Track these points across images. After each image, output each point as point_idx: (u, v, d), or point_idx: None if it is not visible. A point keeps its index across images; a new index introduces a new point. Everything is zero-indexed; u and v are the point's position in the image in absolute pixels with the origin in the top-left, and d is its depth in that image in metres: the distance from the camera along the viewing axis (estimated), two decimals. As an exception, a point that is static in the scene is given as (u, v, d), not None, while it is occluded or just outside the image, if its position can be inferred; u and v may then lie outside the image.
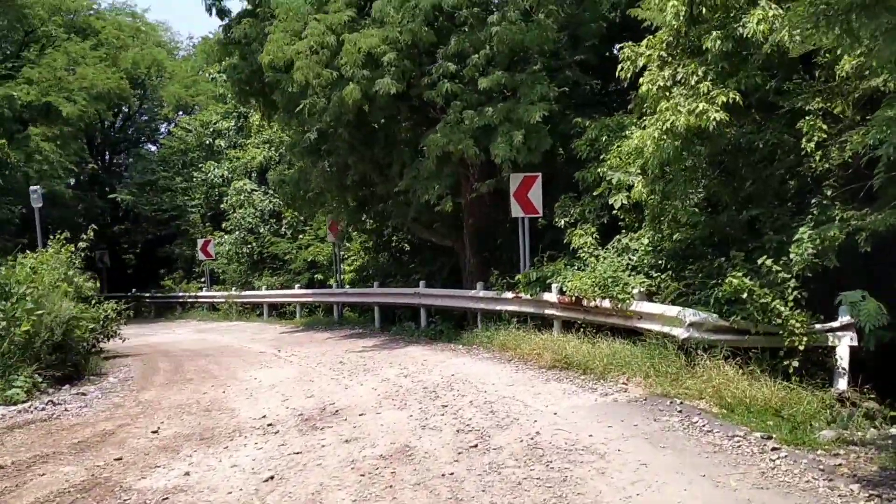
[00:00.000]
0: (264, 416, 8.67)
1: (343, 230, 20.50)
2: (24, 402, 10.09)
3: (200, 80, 33.68)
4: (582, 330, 11.64)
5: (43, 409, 9.87)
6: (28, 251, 16.46)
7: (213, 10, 17.72)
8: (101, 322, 15.03)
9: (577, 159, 13.34)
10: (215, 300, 27.24)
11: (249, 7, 17.73)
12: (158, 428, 8.39)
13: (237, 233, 26.36)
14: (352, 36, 13.94)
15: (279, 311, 24.35)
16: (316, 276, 23.55)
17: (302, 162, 18.13)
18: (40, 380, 11.01)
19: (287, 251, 24.71)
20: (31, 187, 17.44)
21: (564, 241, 13.06)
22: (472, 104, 13.57)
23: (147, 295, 31.70)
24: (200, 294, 28.46)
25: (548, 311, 12.68)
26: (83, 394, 10.96)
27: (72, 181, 31.82)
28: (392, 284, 19.11)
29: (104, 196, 35.21)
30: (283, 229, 25.50)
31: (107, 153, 37.92)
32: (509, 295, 13.62)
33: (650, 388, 8.62)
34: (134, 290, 33.12)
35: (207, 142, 31.07)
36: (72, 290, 14.48)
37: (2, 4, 25.74)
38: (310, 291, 22.13)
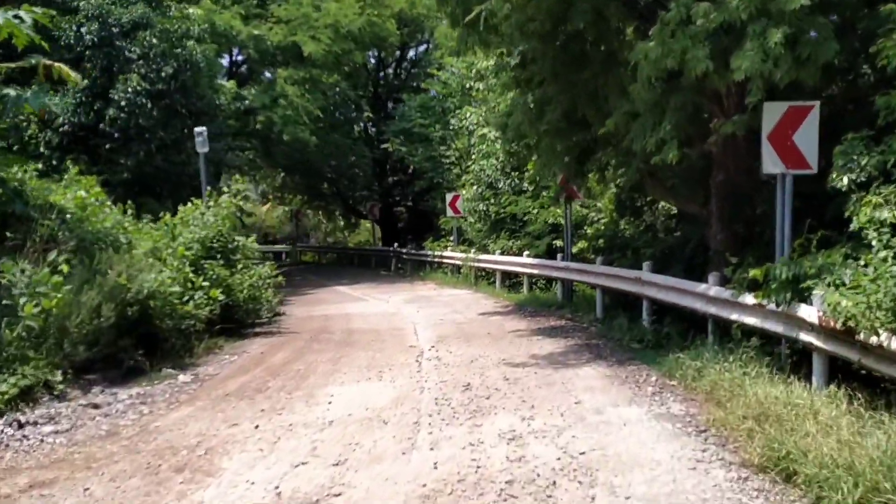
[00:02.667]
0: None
1: (580, 187, 16.04)
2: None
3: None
4: (859, 383, 6.32)
5: None
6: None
7: None
8: (238, 293, 12.49)
9: (882, 77, 7.62)
10: (455, 261, 24.25)
11: None
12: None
13: (475, 188, 22.91)
14: None
15: (512, 281, 20.60)
16: (556, 241, 19.28)
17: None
18: (59, 377, 8.35)
19: (527, 210, 20.69)
20: (196, 129, 15.41)
21: (846, 215, 7.51)
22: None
23: (404, 251, 29.83)
24: (445, 254, 25.65)
25: (804, 337, 7.36)
26: (96, 406, 8.13)
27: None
28: (619, 262, 14.30)
29: (377, 146, 34.03)
30: (524, 184, 21.49)
31: (385, 101, 36.69)
32: (749, 299, 8.41)
33: None
34: (396, 244, 31.62)
35: (468, 85, 27.88)
36: (191, 254, 12.04)
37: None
38: (534, 261, 17.98)
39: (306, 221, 50.40)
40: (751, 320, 8.48)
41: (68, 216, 10.82)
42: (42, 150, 17.31)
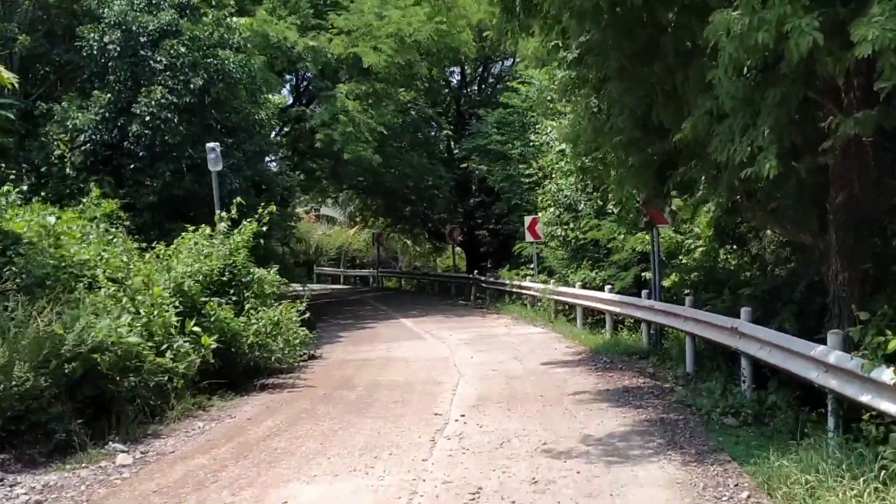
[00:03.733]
0: None
1: (662, 209, 13.41)
2: None
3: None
4: None
5: None
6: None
7: None
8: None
9: None
10: (533, 293, 21.72)
11: None
12: None
13: (552, 209, 20.38)
14: None
15: (595, 318, 17.93)
16: (645, 273, 16.53)
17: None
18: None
19: (611, 236, 17.99)
20: (209, 144, 13.61)
21: None
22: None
23: (483, 279, 27.45)
24: (523, 284, 23.13)
25: None
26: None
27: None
28: (714, 303, 11.52)
29: (458, 165, 31.94)
30: (608, 206, 18.78)
31: (469, 119, 34.52)
32: (887, 376, 5.70)
33: None
34: (475, 271, 29.28)
35: (549, 97, 25.43)
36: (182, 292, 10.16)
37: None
38: (615, 297, 15.25)
39: (393, 244, 48.82)
40: (889, 407, 5.76)
41: (23, 248, 9.08)
42: (68, 171, 16.01)
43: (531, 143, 25.90)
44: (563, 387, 10.45)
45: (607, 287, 16.12)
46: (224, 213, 12.66)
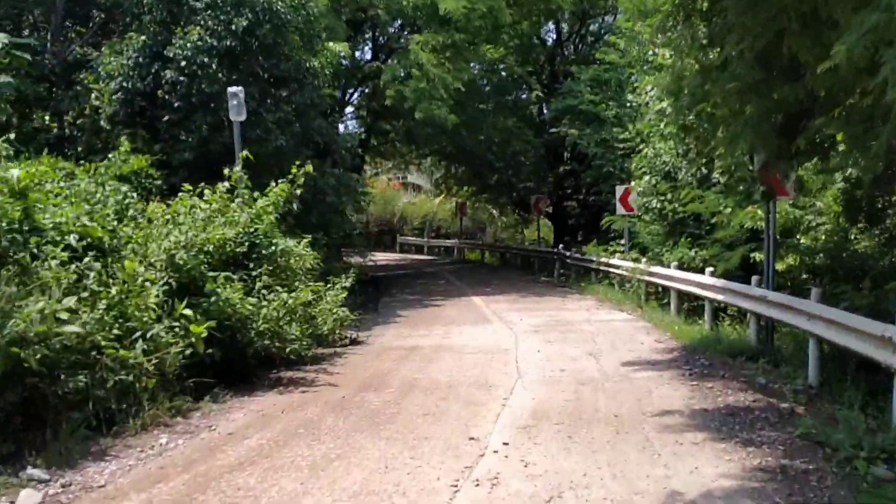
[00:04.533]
0: None
1: (786, 176, 10.71)
2: None
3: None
4: None
5: None
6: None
7: None
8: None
9: None
10: (622, 272, 19.13)
11: None
12: None
13: (648, 178, 17.64)
14: None
15: (691, 305, 15.27)
16: (755, 254, 13.77)
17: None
18: None
19: (716, 210, 15.21)
20: (231, 89, 11.63)
21: None
22: None
23: (568, 254, 24.91)
24: (611, 262, 20.52)
25: None
26: None
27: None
28: (851, 297, 8.84)
29: (547, 129, 29.27)
30: (713, 174, 15.95)
31: (564, 80, 31.68)
32: None
33: None
34: (560, 246, 26.76)
35: (651, 53, 22.48)
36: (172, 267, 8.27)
37: None
38: (719, 283, 12.57)
39: (480, 214, 46.58)
40: None
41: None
42: (102, 123, 14.41)
43: (628, 105, 23.13)
44: (646, 402, 8.06)
45: (708, 269, 13.49)
46: (238, 170, 10.74)
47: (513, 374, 9.61)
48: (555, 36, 33.28)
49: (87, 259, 7.66)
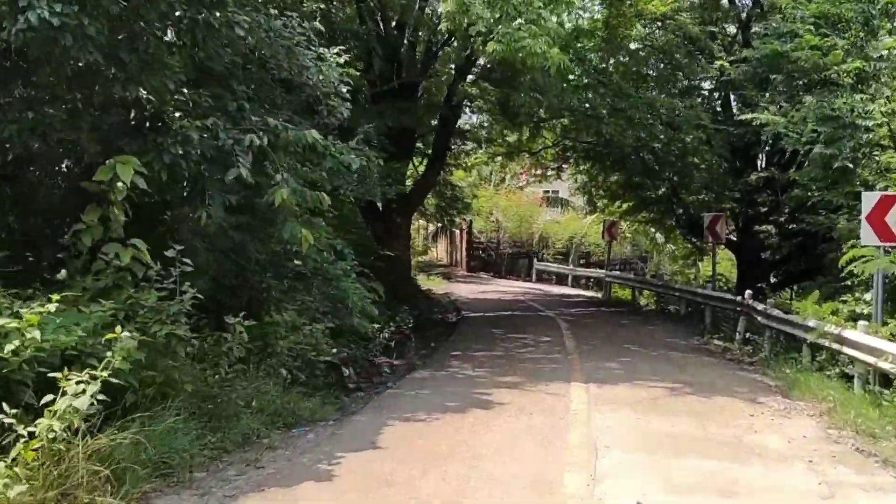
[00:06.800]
0: None
1: None
2: None
3: None
4: None
5: None
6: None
7: None
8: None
9: None
10: (871, 358, 9.62)
11: None
12: None
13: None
14: None
15: None
16: None
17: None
18: None
19: None
20: None
21: None
22: None
23: (760, 308, 15.18)
24: (845, 334, 10.87)
25: None
26: None
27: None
28: None
29: (732, 118, 19.65)
30: None
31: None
32: None
33: None
34: (748, 293, 16.68)
35: None
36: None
37: None
38: None
39: (643, 240, 36.94)
40: None
41: None
42: None
43: (882, 57, 13.53)
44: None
45: None
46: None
47: None
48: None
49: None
